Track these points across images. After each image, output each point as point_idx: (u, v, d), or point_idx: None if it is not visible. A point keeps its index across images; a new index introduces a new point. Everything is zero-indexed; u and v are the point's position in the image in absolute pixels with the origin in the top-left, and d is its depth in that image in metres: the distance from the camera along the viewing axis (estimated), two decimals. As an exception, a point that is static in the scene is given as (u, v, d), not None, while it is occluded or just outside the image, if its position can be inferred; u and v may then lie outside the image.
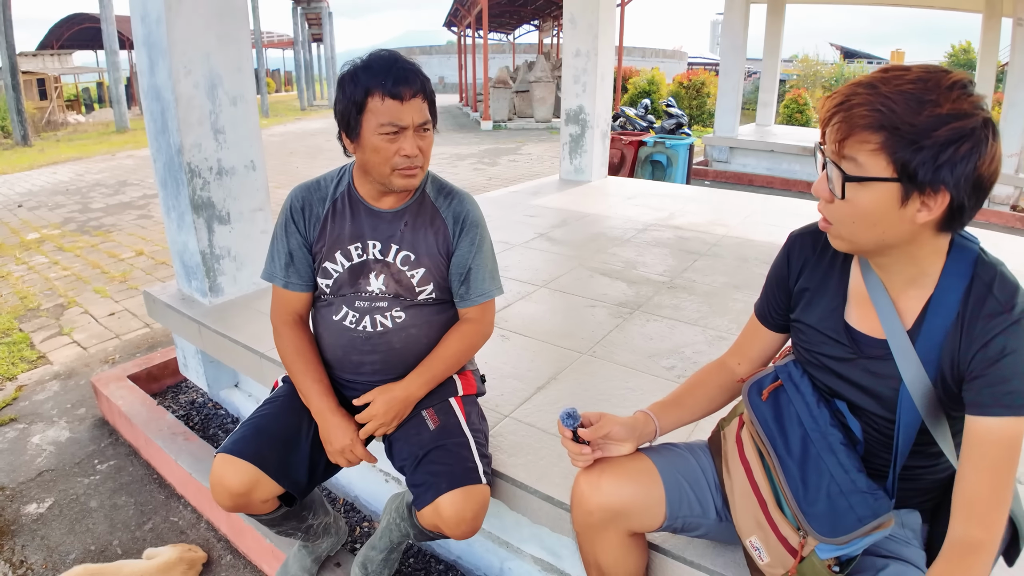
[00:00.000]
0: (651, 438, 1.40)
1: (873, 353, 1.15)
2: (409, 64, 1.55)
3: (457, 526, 1.53)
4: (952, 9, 12.11)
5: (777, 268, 1.34)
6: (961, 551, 1.04)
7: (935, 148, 0.93)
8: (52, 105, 22.70)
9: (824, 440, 1.18)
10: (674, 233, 4.43)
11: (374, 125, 1.52)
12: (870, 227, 1.03)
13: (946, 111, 0.93)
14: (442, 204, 1.74)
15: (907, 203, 0.98)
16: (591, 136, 6.07)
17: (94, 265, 5.86)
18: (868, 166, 0.98)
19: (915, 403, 1.10)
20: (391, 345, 1.71)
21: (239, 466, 1.59)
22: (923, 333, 1.09)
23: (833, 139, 1.01)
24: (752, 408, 1.28)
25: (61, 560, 2.30)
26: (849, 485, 1.12)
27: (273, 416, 1.73)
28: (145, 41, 2.74)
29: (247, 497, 1.61)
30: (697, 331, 2.80)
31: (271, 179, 3.27)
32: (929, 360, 1.09)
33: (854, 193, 1.01)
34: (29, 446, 2.99)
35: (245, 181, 3.02)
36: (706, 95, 19.74)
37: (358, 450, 1.64)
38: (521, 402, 2.20)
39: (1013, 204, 8.85)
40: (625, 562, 1.42)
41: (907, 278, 1.11)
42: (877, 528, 1.07)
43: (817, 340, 1.24)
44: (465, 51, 26.11)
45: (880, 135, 0.95)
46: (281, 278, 1.74)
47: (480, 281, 1.75)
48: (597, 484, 1.33)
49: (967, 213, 0.99)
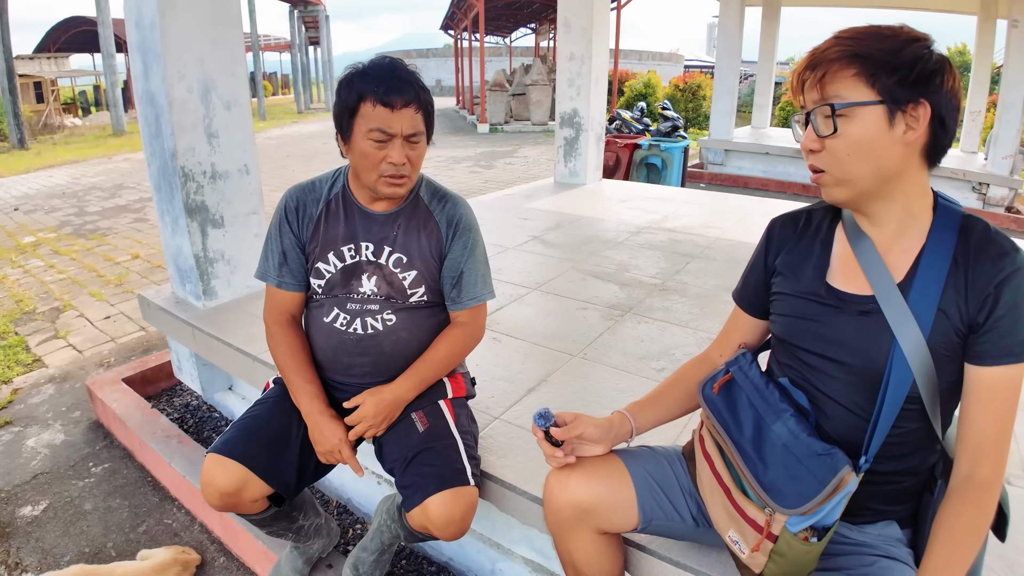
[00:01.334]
0: (627, 438, 1.41)
1: (861, 309, 1.15)
2: (407, 75, 1.56)
3: (446, 527, 1.54)
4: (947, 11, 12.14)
5: (756, 250, 1.36)
6: (971, 491, 1.07)
7: (907, 66, 1.01)
8: (49, 108, 22.66)
9: (775, 415, 1.19)
10: (667, 236, 4.45)
11: (364, 130, 1.54)
12: (866, 156, 1.06)
13: (904, 38, 1.03)
14: (436, 207, 1.75)
15: (894, 123, 1.03)
16: (585, 139, 6.09)
17: (90, 268, 5.87)
18: (851, 95, 1.04)
19: (907, 360, 1.09)
20: (381, 348, 1.73)
21: (228, 466, 1.60)
22: (916, 285, 1.09)
23: (813, 87, 1.07)
24: (705, 402, 1.31)
25: (56, 562, 2.31)
26: (804, 450, 1.13)
27: (263, 417, 1.74)
28: (139, 46, 2.76)
29: (236, 497, 1.62)
30: (688, 333, 2.82)
31: (267, 182, 3.30)
32: (923, 314, 1.08)
33: (844, 126, 1.05)
34: (24, 449, 3.00)
35: (239, 185, 3.04)
36: (702, 98, 19.79)
37: (346, 452, 1.66)
38: (511, 404, 2.22)
39: (1008, 206, 8.88)
40: (599, 561, 1.43)
41: (897, 226, 1.13)
42: (838, 488, 1.07)
43: (799, 305, 1.24)
44: (462, 54, 26.16)
45: (855, 64, 1.03)
46: (274, 277, 1.76)
47: (472, 285, 1.76)
48: (565, 482, 1.35)
49: (948, 132, 1.05)
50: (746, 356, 1.31)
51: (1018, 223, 8.29)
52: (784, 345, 1.28)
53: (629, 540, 1.57)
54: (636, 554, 1.57)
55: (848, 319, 1.16)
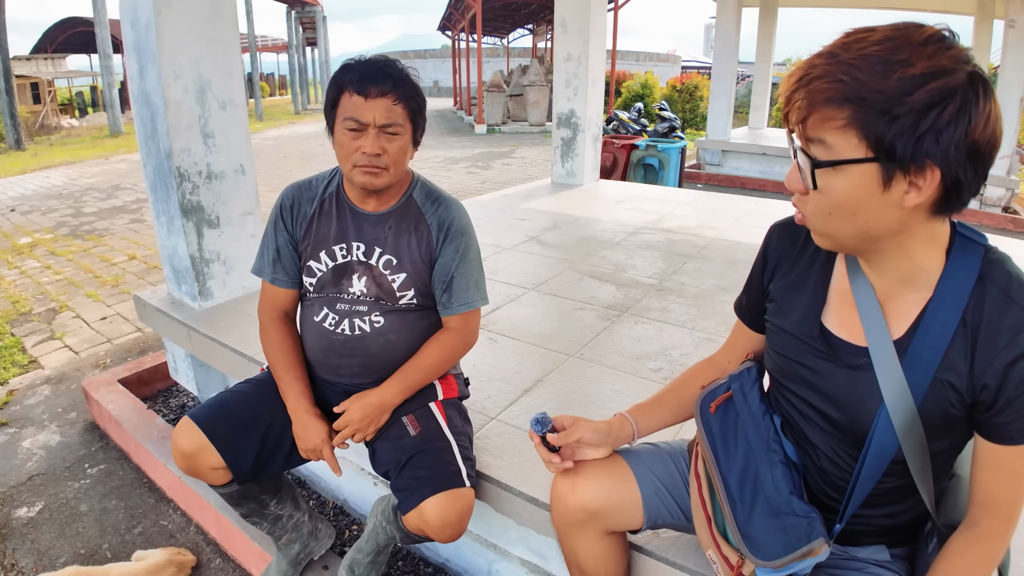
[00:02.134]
0: (629, 441, 1.39)
1: (852, 362, 1.03)
2: (391, 68, 1.56)
3: (442, 529, 1.54)
4: (944, 12, 12.16)
5: (756, 261, 1.25)
6: (978, 536, 1.01)
7: (912, 115, 0.78)
8: (46, 109, 22.64)
9: (766, 456, 1.13)
10: (664, 236, 4.45)
11: (340, 119, 1.56)
12: (849, 218, 0.89)
13: (921, 71, 0.78)
14: (428, 210, 1.74)
15: (891, 185, 0.83)
16: (583, 140, 6.09)
17: (86, 269, 5.85)
18: (838, 147, 0.84)
19: (893, 426, 0.97)
20: (368, 350, 1.72)
21: (192, 430, 1.66)
22: (915, 344, 0.95)
23: (796, 121, 0.88)
24: (701, 421, 1.25)
25: (51, 563, 2.30)
26: (784, 507, 1.07)
27: (240, 395, 1.78)
28: (135, 46, 2.76)
29: (193, 460, 1.67)
30: (685, 333, 2.81)
31: (264, 183, 3.29)
32: (918, 380, 0.95)
33: (827, 181, 0.87)
34: (20, 450, 2.99)
35: (234, 185, 3.03)
36: (699, 99, 19.81)
37: (326, 452, 1.67)
38: (508, 404, 2.22)
39: (1005, 206, 8.89)
40: (605, 561, 1.43)
41: (900, 276, 0.97)
42: (809, 554, 1.03)
43: (791, 346, 1.12)
44: (459, 55, 26.16)
45: (846, 109, 0.82)
46: (269, 273, 1.78)
47: (463, 290, 1.74)
48: (573, 486, 1.33)
49: (965, 190, 0.84)
50: (751, 373, 1.24)
51: (1015, 223, 8.31)
52: (776, 383, 1.22)
53: (633, 543, 1.57)
54: (636, 556, 1.57)
55: (837, 371, 1.05)
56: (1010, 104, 8.68)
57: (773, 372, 1.21)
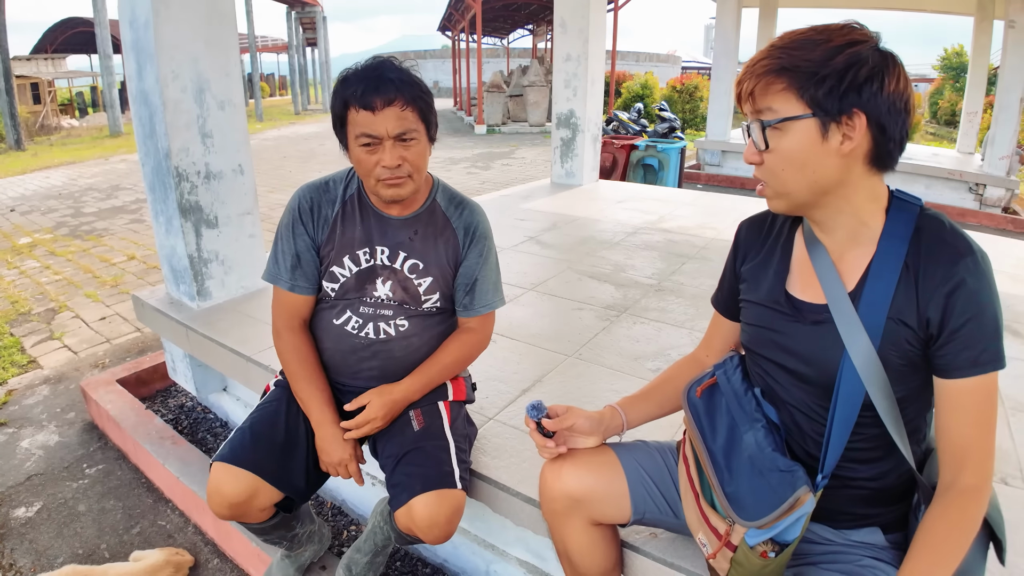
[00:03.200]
0: (619, 431, 1.44)
1: (815, 318, 1.13)
2: (390, 72, 1.50)
3: (430, 529, 1.52)
4: (944, 12, 12.18)
5: (728, 255, 1.37)
6: (955, 496, 1.04)
7: (836, 75, 0.97)
8: (46, 109, 22.65)
9: (749, 424, 1.19)
10: (663, 236, 4.45)
11: (353, 137, 1.52)
12: (799, 169, 1.04)
13: (837, 43, 0.98)
14: (453, 214, 1.73)
15: (827, 135, 1.00)
16: (582, 140, 6.09)
17: (86, 269, 5.85)
18: (782, 109, 1.01)
19: (857, 372, 1.06)
20: (391, 353, 1.71)
21: (238, 474, 1.57)
22: (866, 294, 1.07)
23: (746, 98, 1.05)
24: (687, 404, 1.31)
25: (49, 563, 2.30)
26: (767, 464, 1.12)
27: (269, 421, 1.70)
28: (133, 46, 2.76)
29: (246, 506, 1.60)
30: (683, 333, 2.81)
31: (264, 183, 3.29)
32: (874, 323, 1.05)
33: (776, 140, 1.04)
34: (18, 450, 2.99)
35: (233, 185, 3.03)
36: (699, 99, 19.80)
37: (352, 467, 1.65)
38: (505, 404, 2.22)
39: (1004, 206, 8.89)
40: (591, 552, 1.44)
41: (848, 233, 1.10)
42: (795, 505, 1.05)
43: (761, 314, 1.23)
44: (459, 56, 26.16)
45: (783, 77, 1.00)
46: (287, 280, 1.70)
47: (484, 292, 1.75)
48: (559, 472, 1.37)
49: (891, 138, 1.01)
50: (733, 360, 1.31)
51: (1015, 224, 8.30)
52: (751, 354, 1.29)
53: (625, 541, 1.57)
54: (630, 554, 1.57)
55: (803, 329, 1.15)
56: (1010, 104, 8.69)
57: (747, 344, 1.30)
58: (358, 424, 1.65)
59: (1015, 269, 3.71)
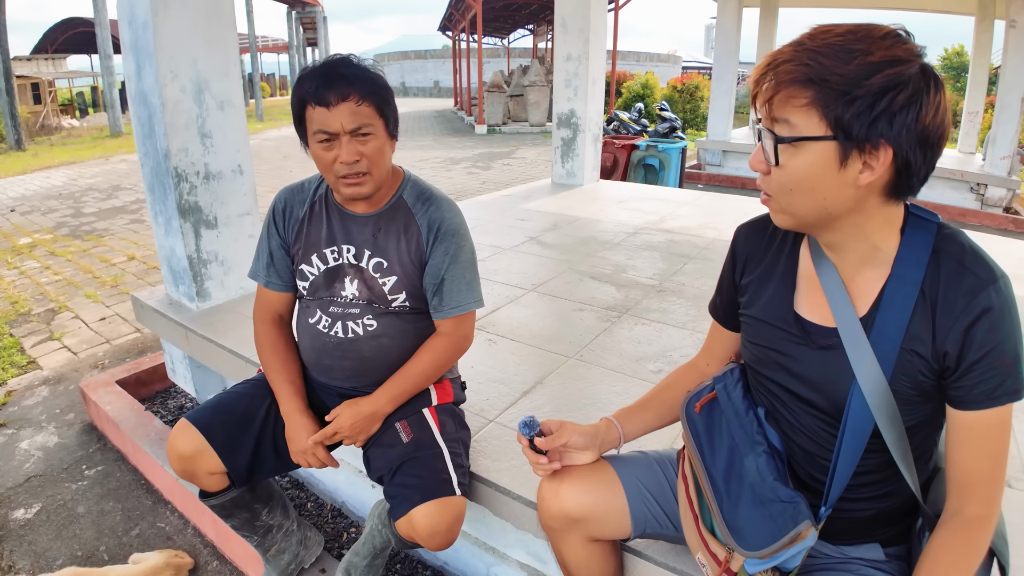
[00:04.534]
0: (615, 445, 1.39)
1: (824, 343, 1.06)
2: (344, 68, 1.51)
3: (431, 538, 1.52)
4: (945, 12, 12.16)
5: (725, 262, 1.29)
6: (960, 525, 1.00)
7: (869, 98, 0.85)
8: (46, 109, 22.64)
9: (751, 448, 1.14)
10: (664, 237, 4.44)
11: (311, 134, 1.53)
12: (809, 194, 0.94)
13: (878, 59, 0.86)
14: (418, 210, 1.69)
15: (847, 163, 0.90)
16: (583, 140, 6.08)
17: (86, 270, 5.84)
18: (801, 126, 0.90)
19: (867, 402, 1.00)
20: (361, 353, 1.70)
21: (191, 434, 1.66)
22: (878, 321, 0.99)
23: (763, 102, 0.94)
24: (686, 421, 1.26)
25: (48, 565, 2.29)
26: (768, 494, 1.08)
27: (237, 396, 1.78)
28: (132, 46, 2.75)
29: (192, 463, 1.66)
30: (685, 334, 2.80)
31: (264, 184, 3.28)
32: (886, 353, 0.98)
33: (788, 158, 0.93)
34: (17, 451, 2.98)
35: (232, 186, 3.02)
36: (700, 99, 19.79)
37: (320, 453, 1.66)
38: (506, 407, 2.20)
39: (1006, 206, 8.87)
40: (589, 567, 1.43)
41: (860, 257, 1.02)
42: (796, 539, 1.03)
43: (766, 333, 1.15)
44: (460, 56, 26.18)
45: (809, 90, 0.88)
46: (263, 277, 1.79)
47: (454, 293, 1.69)
48: (557, 491, 1.33)
49: (915, 174, 0.91)
50: (734, 373, 1.25)
51: (1016, 224, 8.29)
52: (754, 373, 1.23)
53: (626, 545, 1.55)
54: (633, 560, 1.56)
55: (811, 353, 1.08)
56: (1011, 104, 8.67)
57: (750, 362, 1.23)
58: (326, 435, 1.66)
59: (1016, 269, 3.69)
